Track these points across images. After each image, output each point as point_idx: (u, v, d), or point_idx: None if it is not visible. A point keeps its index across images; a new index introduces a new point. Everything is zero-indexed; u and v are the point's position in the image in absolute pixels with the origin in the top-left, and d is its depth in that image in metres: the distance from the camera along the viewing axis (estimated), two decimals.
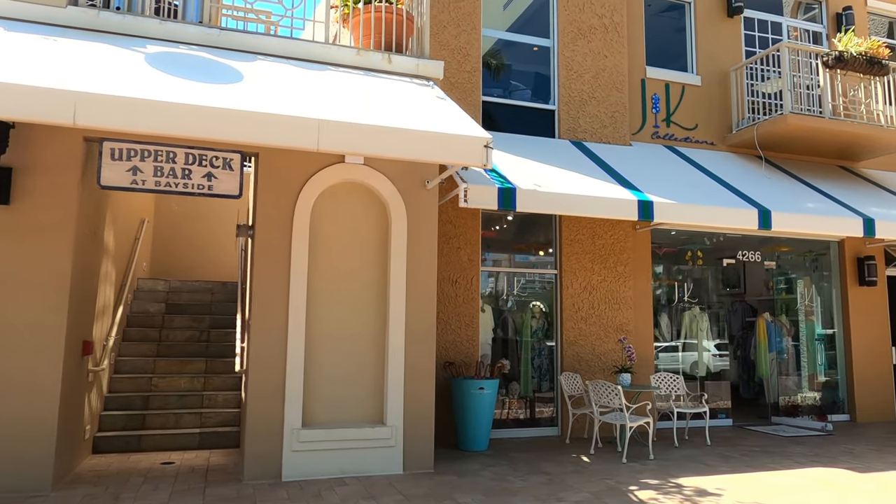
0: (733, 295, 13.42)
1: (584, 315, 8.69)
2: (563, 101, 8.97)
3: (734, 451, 7.67)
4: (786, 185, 9.12)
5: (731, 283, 13.16)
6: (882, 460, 7.25)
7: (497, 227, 8.75)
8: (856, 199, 9.12)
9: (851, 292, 10.49)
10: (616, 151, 8.83)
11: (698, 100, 9.95)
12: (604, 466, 6.71)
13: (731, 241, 10.14)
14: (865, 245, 10.66)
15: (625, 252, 8.98)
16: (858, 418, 10.22)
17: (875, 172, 10.77)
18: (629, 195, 7.32)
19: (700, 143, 9.87)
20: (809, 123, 9.05)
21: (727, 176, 8.87)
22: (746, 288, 12.81)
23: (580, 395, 8.09)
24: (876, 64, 9.42)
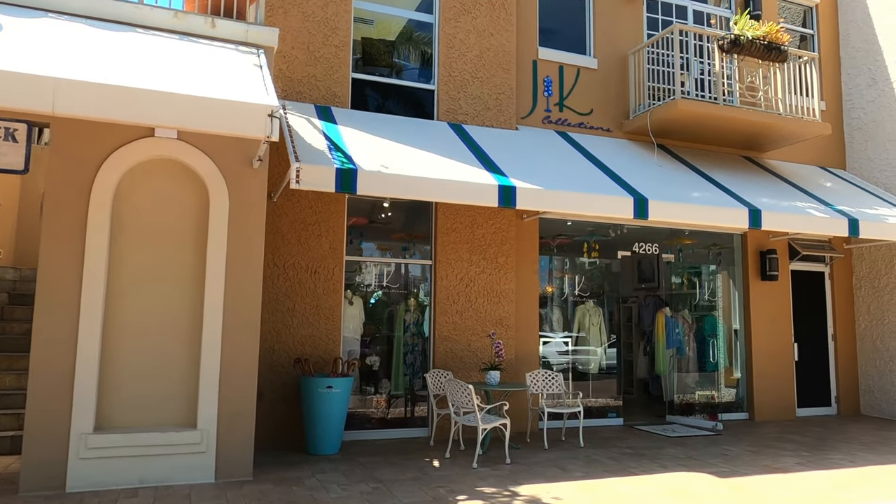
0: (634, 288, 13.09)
1: (460, 309, 8.17)
2: (442, 81, 8.42)
3: (605, 454, 7.23)
4: (677, 173, 8.70)
5: (630, 276, 12.81)
6: (753, 463, 6.87)
7: (370, 214, 8.18)
8: (749, 189, 8.75)
9: (753, 287, 10.16)
10: (497, 136, 8.31)
11: (594, 84, 9.49)
12: (450, 472, 6.20)
13: (635, 233, 9.73)
14: (769, 238, 10.34)
15: (507, 243, 8.48)
16: (757, 416, 9.91)
17: (780, 164, 10.45)
18: (491, 180, 6.80)
19: (595, 130, 9.41)
20: (701, 109, 8.64)
21: (615, 163, 8.42)
22: (647, 281, 12.46)
23: (445, 394, 7.58)
24: (774, 50, 9.05)
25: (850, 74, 11.20)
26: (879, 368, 10.45)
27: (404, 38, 8.58)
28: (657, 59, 9.56)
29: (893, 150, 10.45)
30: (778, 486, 5.96)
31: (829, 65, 11.32)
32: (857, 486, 5.96)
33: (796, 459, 7.11)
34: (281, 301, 7.38)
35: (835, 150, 11.19)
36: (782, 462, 6.96)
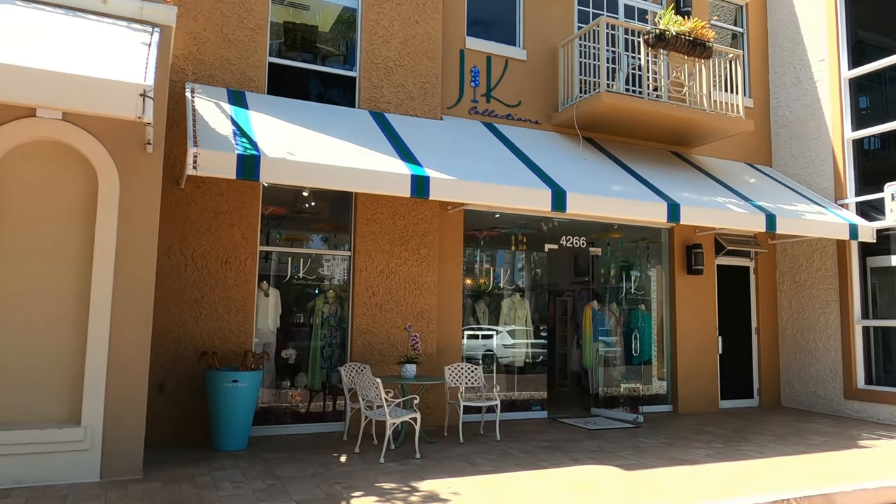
0: (571, 283, 13.16)
1: (380, 301, 8.02)
2: (365, 69, 8.22)
3: (520, 447, 7.19)
4: (602, 167, 8.70)
5: (561, 269, 12.87)
6: (663, 456, 6.92)
7: (289, 204, 7.95)
8: (672, 184, 8.81)
9: (679, 280, 10.28)
10: (420, 125, 8.16)
11: (523, 75, 9.42)
12: (354, 468, 6.06)
13: (566, 227, 9.72)
14: (696, 233, 10.47)
15: (430, 234, 8.36)
16: (681, 409, 10.04)
17: (707, 159, 10.57)
18: (404, 169, 6.66)
19: (523, 122, 9.35)
20: (625, 103, 8.65)
21: (538, 155, 8.36)
22: (579, 275, 12.53)
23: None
24: (699, 46, 9.12)
25: (777, 73, 11.40)
26: (799, 361, 10.70)
27: (327, 23, 8.35)
28: (587, 52, 9.55)
29: (815, 147, 10.68)
30: (681, 478, 6.00)
31: (758, 63, 11.51)
32: (758, 478, 6.03)
33: (707, 451, 7.18)
34: (188, 292, 7.10)
35: (762, 147, 11.39)
36: (692, 454, 7.03)
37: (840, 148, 10.29)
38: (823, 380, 10.30)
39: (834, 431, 8.61)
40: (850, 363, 9.90)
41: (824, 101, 10.57)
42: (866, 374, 9.90)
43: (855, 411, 9.83)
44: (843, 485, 5.83)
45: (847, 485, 5.83)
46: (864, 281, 10.08)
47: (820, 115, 10.62)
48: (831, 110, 10.43)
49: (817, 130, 10.65)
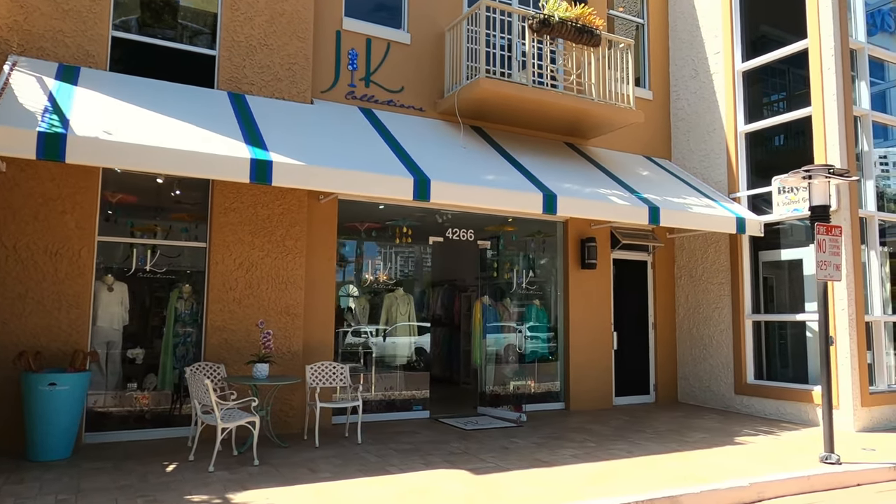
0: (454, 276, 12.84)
1: (239, 296, 7.48)
2: (225, 47, 7.66)
3: (379, 450, 6.77)
4: (482, 156, 8.35)
5: (451, 263, 12.54)
6: (526, 457, 6.60)
7: (140, 190, 7.33)
8: (556, 175, 8.52)
9: (572, 275, 10.04)
10: (284, 108, 7.65)
11: (407, 60, 8.99)
12: (176, 479, 5.53)
13: (459, 219, 9.34)
14: (590, 227, 10.24)
15: (297, 225, 7.85)
16: (572, 406, 9.80)
17: (603, 151, 10.35)
18: (245, 153, 6.14)
19: (406, 108, 8.92)
20: (506, 90, 8.31)
21: (413, 143, 7.95)
22: (464, 269, 12.21)
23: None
24: (586, 33, 8.86)
25: (677, 65, 11.28)
26: (694, 356, 10.61)
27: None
28: (479, 38, 9.16)
29: (711, 141, 10.59)
30: (532, 481, 5.67)
31: (659, 55, 11.37)
32: (612, 480, 5.75)
33: (576, 452, 6.90)
34: (9, 286, 6.43)
35: (662, 140, 11.26)
36: (558, 455, 6.73)
37: (733, 141, 10.21)
38: (716, 375, 10.22)
39: (716, 427, 8.47)
40: (741, 358, 9.83)
41: (719, 94, 10.48)
42: (756, 369, 9.83)
43: (744, 406, 9.76)
44: (693, 486, 5.59)
45: (696, 486, 5.59)
46: (755, 275, 10.02)
47: (715, 108, 10.53)
48: (725, 103, 10.35)
49: (713, 124, 10.56)
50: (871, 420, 8.56)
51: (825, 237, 6.85)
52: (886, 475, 6.52)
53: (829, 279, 6.85)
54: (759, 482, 5.80)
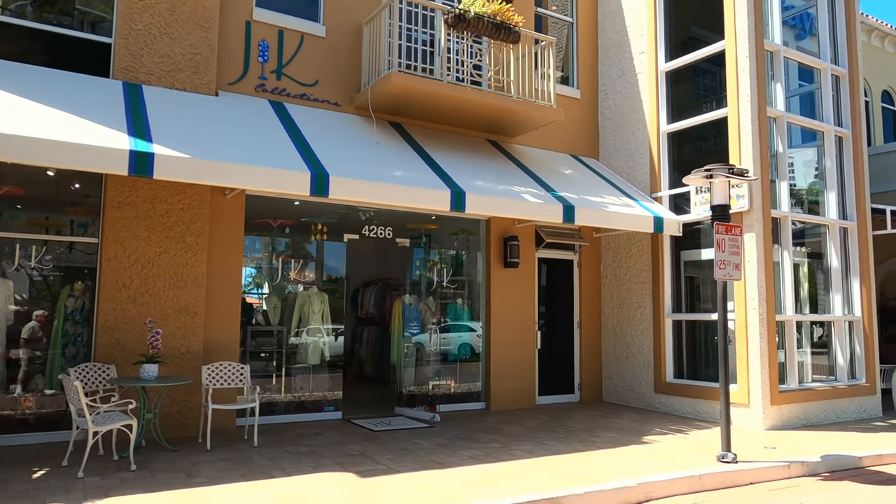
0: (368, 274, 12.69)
1: (133, 294, 7.20)
2: (121, 35, 7.36)
3: (272, 453, 6.57)
4: (395, 152, 8.19)
5: (369, 260, 12.39)
6: (423, 459, 6.47)
7: (28, 183, 7.00)
8: (471, 172, 8.41)
9: (495, 273, 9.95)
10: (185, 100, 7.38)
11: (322, 53, 8.79)
12: (40, 486, 5.25)
13: (380, 216, 9.18)
14: (514, 225, 10.17)
15: (198, 220, 7.60)
16: (493, 406, 9.72)
17: (529, 150, 10.29)
18: (125, 144, 5.88)
19: (321, 103, 8.72)
20: (420, 85, 8.17)
21: (319, 137, 7.76)
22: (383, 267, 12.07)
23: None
24: (504, 29, 8.76)
25: (605, 65, 11.29)
26: (618, 355, 10.62)
27: None
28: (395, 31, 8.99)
29: (635, 140, 10.61)
30: (418, 485, 5.54)
31: (588, 54, 11.36)
32: (498, 483, 5.65)
33: (476, 453, 6.80)
34: None
35: (590, 139, 11.25)
36: (457, 456, 6.62)
37: (656, 141, 10.24)
38: (638, 374, 10.24)
39: (629, 427, 8.46)
40: (661, 357, 9.86)
41: (644, 94, 10.50)
42: (676, 367, 9.88)
43: (663, 405, 9.80)
44: (579, 487, 5.52)
45: (581, 487, 5.53)
46: (676, 274, 10.06)
47: (640, 107, 10.55)
48: (649, 103, 10.37)
49: (637, 123, 10.58)
50: (781, 418, 8.65)
51: (724, 236, 6.87)
52: (780, 473, 6.56)
53: (727, 278, 6.87)
54: (646, 482, 5.76)
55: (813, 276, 9.96)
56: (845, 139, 10.21)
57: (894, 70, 16.51)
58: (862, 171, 10.20)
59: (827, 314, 9.78)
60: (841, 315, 9.78)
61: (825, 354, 9.85)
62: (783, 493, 6.00)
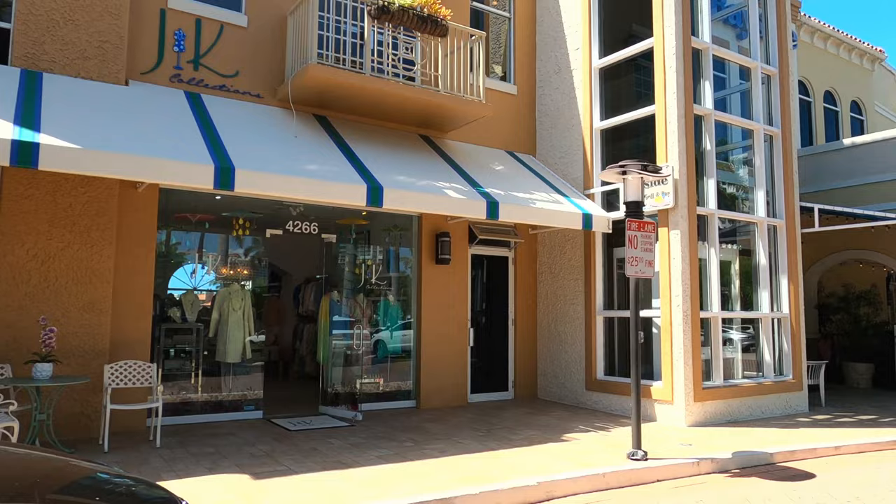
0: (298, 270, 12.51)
1: (32, 290, 6.92)
2: (21, 20, 7.07)
3: (175, 454, 6.36)
4: (314, 146, 8.02)
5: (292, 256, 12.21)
6: (332, 459, 6.32)
7: None
8: (394, 167, 8.27)
9: (426, 270, 9.84)
10: (89, 89, 7.11)
11: (244, 43, 8.57)
12: None
13: (309, 211, 8.99)
14: (446, 221, 10.06)
15: (105, 214, 7.34)
16: (424, 404, 9.61)
17: (462, 145, 10.19)
18: (8, 133, 5.62)
19: (241, 94, 8.50)
20: (340, 78, 8.01)
21: (232, 130, 7.55)
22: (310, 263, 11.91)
23: None
24: (431, 22, 8.64)
25: (542, 61, 11.23)
26: (552, 352, 10.58)
27: None
28: (322, 23, 8.80)
29: (570, 137, 10.57)
30: (308, 486, 5.39)
31: (525, 50, 11.29)
32: (397, 483, 5.53)
33: (386, 452, 6.67)
34: None
35: (528, 135, 11.19)
36: (365, 456, 6.49)
37: (589, 137, 10.21)
38: (570, 371, 10.22)
39: (553, 424, 8.41)
40: (592, 354, 9.85)
41: (578, 90, 10.47)
42: (607, 365, 9.87)
43: (593, 402, 9.78)
44: (475, 486, 5.43)
45: (477, 486, 5.44)
46: (608, 271, 10.05)
47: (574, 104, 10.52)
48: (583, 100, 10.34)
49: (572, 120, 10.54)
50: (704, 415, 8.68)
51: (637, 233, 6.83)
52: (689, 470, 6.55)
53: (640, 275, 6.84)
54: (547, 481, 5.69)
55: (743, 274, 10.03)
56: (775, 138, 10.29)
57: (836, 71, 16.79)
58: (791, 169, 10.29)
59: (755, 311, 9.85)
60: (769, 312, 9.86)
61: (753, 351, 9.92)
62: (686, 491, 5.98)
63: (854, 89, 17.27)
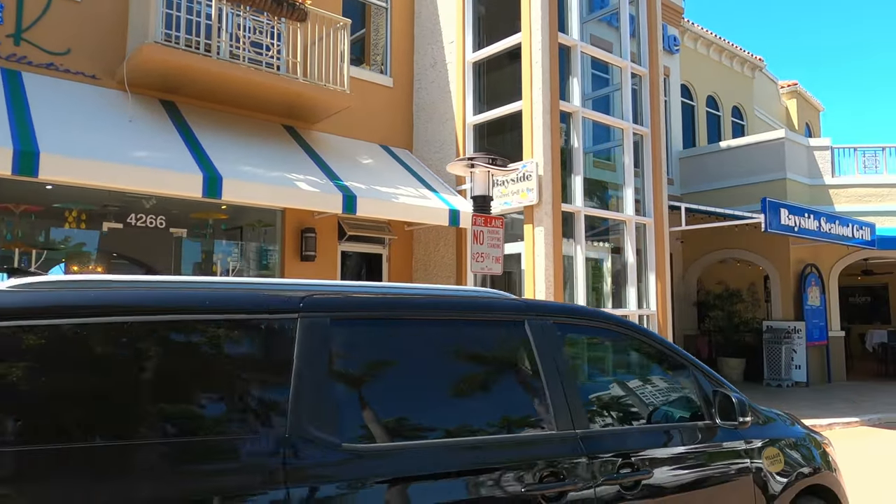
0: (141, 265, 11.82)
1: None
2: None
3: None
4: (153, 132, 7.41)
5: (137, 253, 11.53)
6: None
7: None
8: (241, 158, 7.77)
9: (290, 268, 9.36)
10: None
11: (77, 19, 7.85)
12: None
13: (160, 204, 8.31)
14: (313, 216, 9.61)
15: None
16: None
17: (330, 137, 9.77)
18: None
19: (73, 74, 7.77)
20: (180, 60, 7.44)
21: (50, 111, 6.85)
22: (157, 260, 11.21)
23: None
24: (287, 6, 8.19)
25: (420, 53, 10.98)
26: None
27: None
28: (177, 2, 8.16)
29: (444, 132, 10.36)
30: None
31: (403, 42, 11.00)
32: None
33: None
34: None
35: (404, 130, 10.90)
36: None
37: (462, 132, 10.03)
38: None
39: None
40: None
41: (453, 85, 10.26)
42: None
43: None
44: None
45: None
46: None
47: (449, 98, 10.31)
48: (457, 94, 10.15)
49: (446, 114, 10.33)
50: None
51: (483, 228, 6.64)
52: None
53: (486, 272, 6.65)
54: None
55: (615, 272, 10.10)
56: (645, 137, 10.43)
57: (719, 77, 17.42)
58: (660, 168, 10.46)
59: (622, 309, 9.93)
60: (636, 310, 9.96)
61: None
62: None
63: (736, 95, 17.99)
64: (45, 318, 1.91)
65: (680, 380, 3.17)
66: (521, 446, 2.47)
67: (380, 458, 2.18)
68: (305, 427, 2.10)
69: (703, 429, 3.00)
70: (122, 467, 1.89)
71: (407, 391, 2.38)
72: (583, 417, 2.65)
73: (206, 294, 2.20)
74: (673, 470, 2.77)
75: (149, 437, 1.94)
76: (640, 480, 2.64)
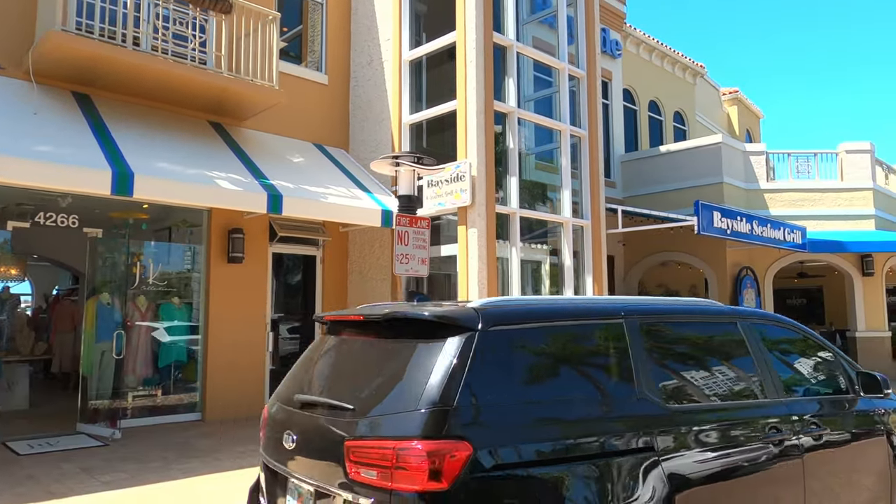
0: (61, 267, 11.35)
1: None
2: None
3: None
4: (59, 126, 6.98)
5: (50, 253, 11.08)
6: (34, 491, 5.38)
7: None
8: (157, 154, 7.39)
9: (216, 270, 8.99)
10: None
11: None
12: None
13: (83, 202, 7.86)
14: (243, 217, 9.26)
15: None
16: (210, 416, 8.75)
17: (259, 135, 9.44)
18: None
19: None
20: (91, 50, 7.04)
21: None
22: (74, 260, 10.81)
23: None
24: None
25: (356, 51, 10.74)
26: None
27: None
28: None
29: (380, 131, 10.14)
30: None
31: (339, 39, 10.74)
32: None
33: (116, 477, 5.82)
34: None
35: (340, 129, 10.63)
36: (87, 483, 5.61)
37: (398, 132, 9.82)
38: None
39: None
40: None
41: (389, 83, 10.05)
42: None
43: None
44: None
45: None
46: None
47: (385, 97, 10.09)
48: (392, 93, 9.94)
49: (382, 113, 10.12)
50: None
51: (408, 229, 6.46)
52: None
53: (411, 274, 6.47)
54: None
55: (553, 274, 10.04)
56: (582, 139, 10.41)
57: (661, 82, 17.66)
58: (597, 171, 10.46)
59: None
60: None
61: None
62: None
63: (678, 100, 18.27)
64: (531, 323, 3.01)
65: (830, 363, 4.28)
66: (758, 407, 3.59)
67: (684, 414, 3.23)
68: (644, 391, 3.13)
69: (850, 400, 4.15)
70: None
71: (687, 370, 3.46)
72: (783, 390, 3.76)
73: (591, 306, 3.32)
74: (837, 428, 3.92)
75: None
76: (821, 434, 3.76)
